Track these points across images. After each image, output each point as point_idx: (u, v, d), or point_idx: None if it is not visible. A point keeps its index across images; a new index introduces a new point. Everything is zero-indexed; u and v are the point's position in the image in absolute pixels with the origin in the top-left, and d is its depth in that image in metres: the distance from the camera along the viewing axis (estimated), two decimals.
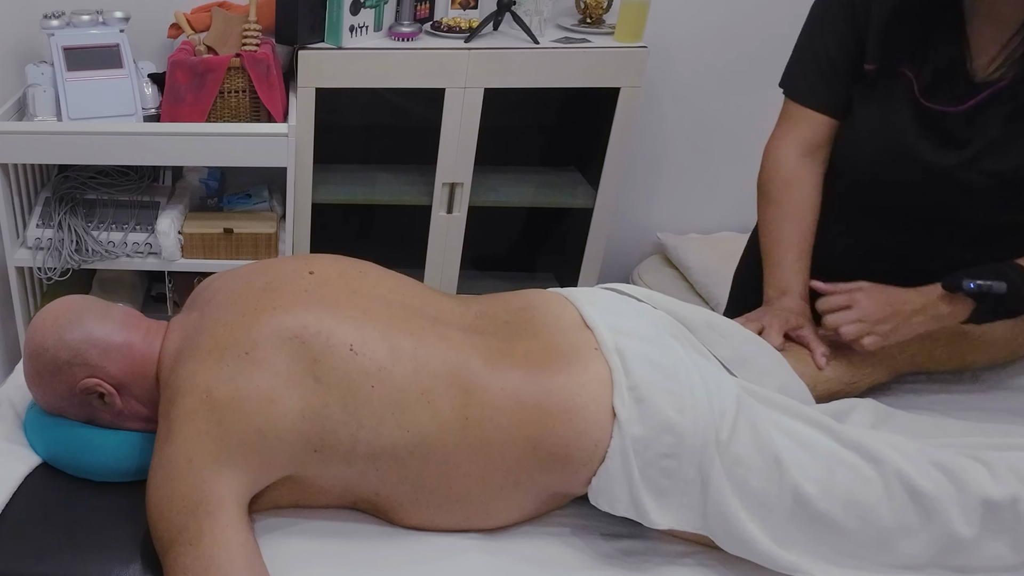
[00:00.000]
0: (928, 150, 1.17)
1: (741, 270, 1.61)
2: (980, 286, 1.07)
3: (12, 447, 1.14)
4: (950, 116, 1.15)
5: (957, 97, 1.14)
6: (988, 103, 1.12)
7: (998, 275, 1.07)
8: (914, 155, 1.17)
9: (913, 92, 1.17)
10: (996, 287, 1.06)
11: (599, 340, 1.04)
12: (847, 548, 0.98)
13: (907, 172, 1.19)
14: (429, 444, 0.97)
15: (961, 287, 1.08)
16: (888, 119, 1.20)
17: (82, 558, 1.00)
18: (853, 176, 1.28)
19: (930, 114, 1.16)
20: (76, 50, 2.08)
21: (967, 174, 1.14)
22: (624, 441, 0.97)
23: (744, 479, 0.97)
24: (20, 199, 2.15)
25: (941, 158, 1.16)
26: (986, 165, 1.13)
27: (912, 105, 1.17)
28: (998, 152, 1.12)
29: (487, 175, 2.41)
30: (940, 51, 1.14)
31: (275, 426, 0.94)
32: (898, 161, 1.19)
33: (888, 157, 1.20)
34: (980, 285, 1.07)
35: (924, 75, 1.16)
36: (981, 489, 0.97)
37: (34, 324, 1.10)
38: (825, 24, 1.27)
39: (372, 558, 1.01)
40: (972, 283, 1.07)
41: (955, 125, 1.15)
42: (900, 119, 1.19)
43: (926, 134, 1.17)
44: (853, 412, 1.13)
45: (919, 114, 1.17)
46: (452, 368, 0.99)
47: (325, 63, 2.12)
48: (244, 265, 1.15)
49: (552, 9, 2.22)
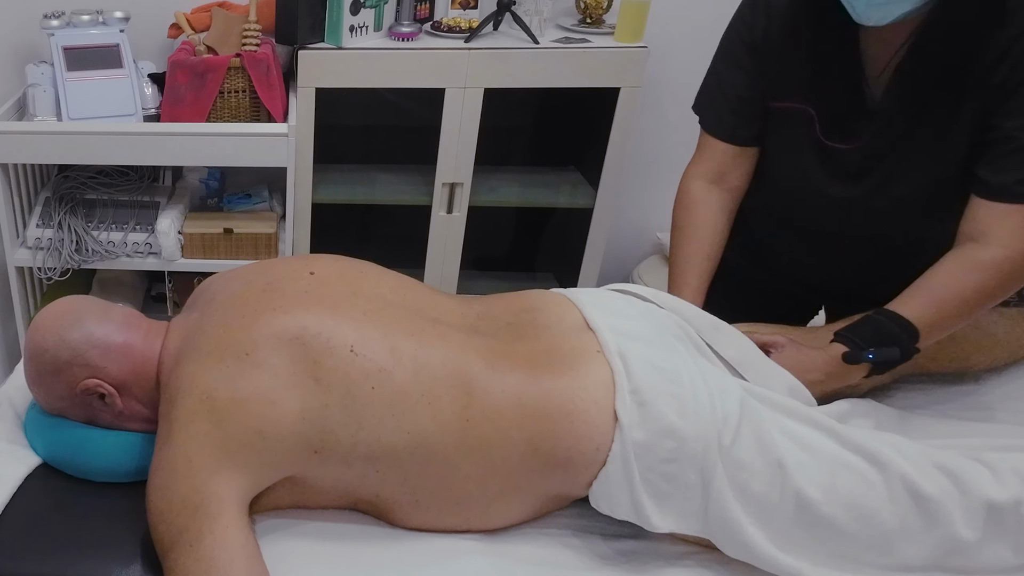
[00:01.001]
0: (833, 185, 1.22)
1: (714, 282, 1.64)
2: (878, 354, 1.12)
3: (12, 447, 1.14)
4: (848, 152, 1.19)
5: (853, 131, 1.18)
6: (882, 134, 1.16)
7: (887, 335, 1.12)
8: (821, 190, 1.23)
9: (815, 130, 1.21)
10: (890, 353, 1.12)
11: (601, 342, 1.04)
12: (849, 551, 0.98)
13: (818, 203, 1.25)
14: (429, 446, 0.97)
15: (861, 359, 1.13)
16: (794, 156, 1.25)
17: (82, 558, 1.00)
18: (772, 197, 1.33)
19: (829, 150, 1.21)
20: (76, 50, 2.08)
21: (873, 202, 1.20)
22: (625, 445, 0.97)
23: (746, 483, 0.97)
24: (20, 199, 2.15)
25: (847, 191, 1.21)
26: (888, 191, 1.18)
27: (814, 143, 1.22)
28: (897, 178, 1.17)
29: (487, 175, 2.41)
30: (837, 84, 1.18)
31: (275, 427, 0.94)
32: (808, 193, 1.25)
33: (798, 191, 1.26)
34: (878, 353, 1.12)
35: (822, 111, 1.20)
36: (984, 492, 0.97)
37: (35, 324, 1.10)
38: (729, 59, 1.31)
39: (372, 559, 1.00)
40: (870, 354, 1.12)
41: (854, 159, 1.19)
42: (805, 157, 1.24)
43: (829, 169, 1.22)
44: (855, 413, 1.13)
45: (821, 150, 1.22)
46: (453, 369, 0.99)
47: (325, 63, 2.12)
48: (244, 266, 1.15)
49: (552, 9, 2.22)
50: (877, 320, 1.14)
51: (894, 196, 1.18)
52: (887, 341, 1.12)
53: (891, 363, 1.13)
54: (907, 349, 1.12)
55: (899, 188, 1.18)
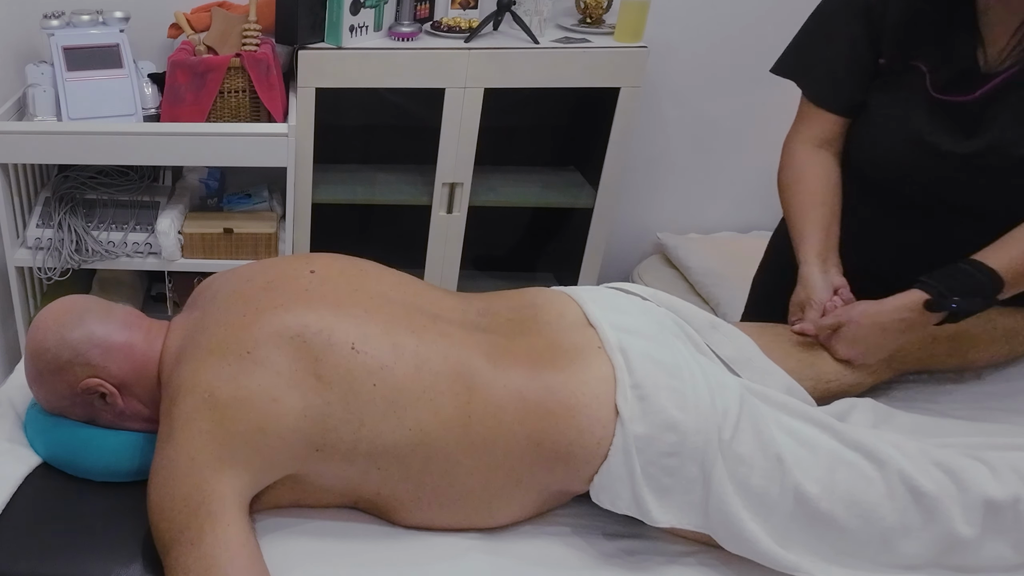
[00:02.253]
0: (945, 140, 1.18)
1: (761, 275, 1.61)
2: (961, 303, 1.10)
3: (12, 447, 1.14)
4: (962, 106, 1.16)
5: (969, 88, 1.15)
6: (1000, 91, 1.13)
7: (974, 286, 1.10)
8: (931, 146, 1.19)
9: (926, 85, 1.18)
10: (974, 305, 1.10)
11: (602, 338, 1.04)
12: (848, 547, 0.98)
13: (927, 163, 1.20)
14: (431, 442, 0.97)
15: (944, 307, 1.10)
16: (903, 113, 1.21)
17: (82, 558, 1.00)
18: (872, 169, 1.29)
19: (943, 105, 1.17)
20: (76, 50, 2.08)
21: (986, 160, 1.15)
22: (626, 439, 0.97)
23: (746, 478, 0.97)
24: (20, 199, 2.15)
25: (958, 147, 1.17)
26: (1004, 151, 1.14)
27: (925, 98, 1.19)
28: (1013, 138, 1.13)
29: (487, 175, 2.41)
30: (954, 45, 1.16)
31: (277, 425, 0.94)
32: (916, 153, 1.20)
33: (906, 149, 1.22)
34: (961, 303, 1.10)
35: (937, 69, 1.17)
36: (983, 489, 0.97)
37: (35, 324, 1.10)
38: (837, 23, 1.27)
39: (373, 558, 1.00)
40: (954, 304, 1.10)
41: (968, 114, 1.16)
42: (915, 113, 1.20)
43: (941, 125, 1.18)
44: (854, 412, 1.13)
45: (933, 106, 1.18)
46: (454, 365, 0.99)
47: (325, 63, 2.12)
48: (245, 265, 1.15)
49: (552, 9, 2.22)
50: (963, 269, 1.11)
51: (1008, 156, 1.14)
52: (972, 291, 1.09)
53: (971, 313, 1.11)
54: (991, 299, 1.09)
55: (1014, 148, 1.13)
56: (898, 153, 1.23)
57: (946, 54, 1.17)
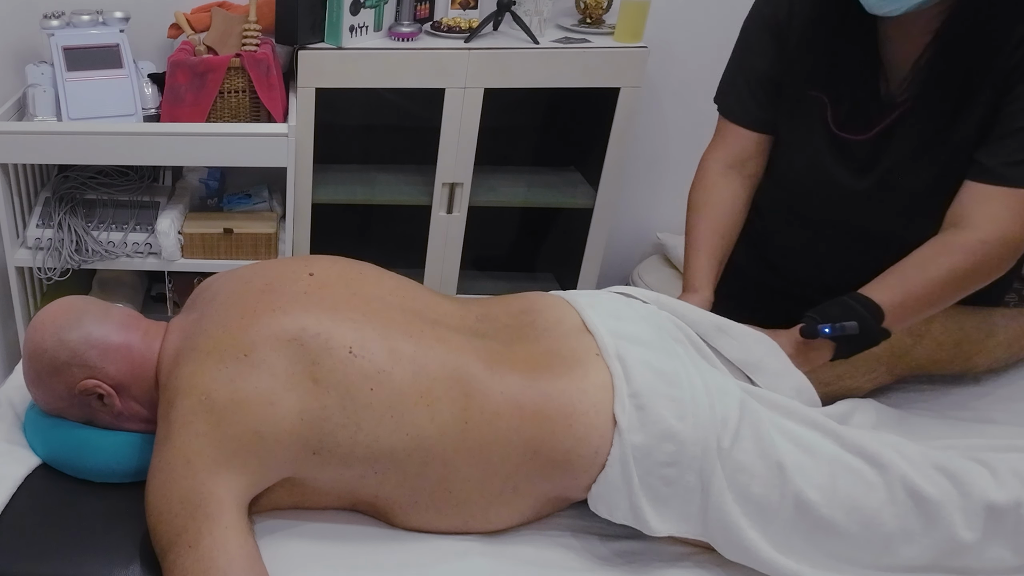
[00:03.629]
0: (843, 174, 1.22)
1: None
2: (834, 328, 1.11)
3: (12, 448, 1.14)
4: (860, 143, 1.19)
5: (866, 123, 1.18)
6: (894, 126, 1.15)
7: (849, 314, 1.11)
8: (831, 178, 1.23)
9: (827, 118, 1.21)
10: (849, 328, 1.11)
11: (600, 345, 1.04)
12: (848, 553, 0.98)
13: (829, 194, 1.24)
14: (428, 447, 0.97)
15: (817, 332, 1.12)
16: (806, 142, 1.25)
17: (82, 558, 1.00)
18: (783, 191, 1.33)
19: (842, 141, 1.21)
20: (76, 50, 2.08)
21: (882, 194, 1.19)
22: (624, 449, 0.97)
23: (746, 486, 0.97)
24: (20, 199, 2.15)
25: (855, 181, 1.21)
26: (897, 185, 1.17)
27: (826, 132, 1.22)
28: (906, 172, 1.16)
29: (487, 175, 2.41)
30: (854, 75, 1.18)
31: (274, 428, 0.94)
32: (818, 182, 1.25)
33: (809, 177, 1.26)
34: (834, 327, 1.11)
35: (837, 100, 1.20)
36: (984, 493, 0.96)
37: (33, 325, 1.10)
38: (751, 43, 1.31)
39: (372, 560, 1.00)
40: (827, 328, 1.12)
41: (864, 150, 1.19)
42: (818, 145, 1.23)
43: (840, 158, 1.22)
44: (855, 414, 1.13)
45: (832, 140, 1.22)
46: (451, 371, 0.99)
47: (325, 63, 2.12)
48: (244, 266, 1.15)
49: (552, 9, 2.22)
50: (841, 301, 1.13)
51: (904, 189, 1.17)
52: (845, 316, 1.11)
53: (853, 340, 1.12)
54: (869, 327, 1.10)
55: (909, 181, 1.16)
56: (803, 180, 1.27)
57: (847, 84, 1.18)
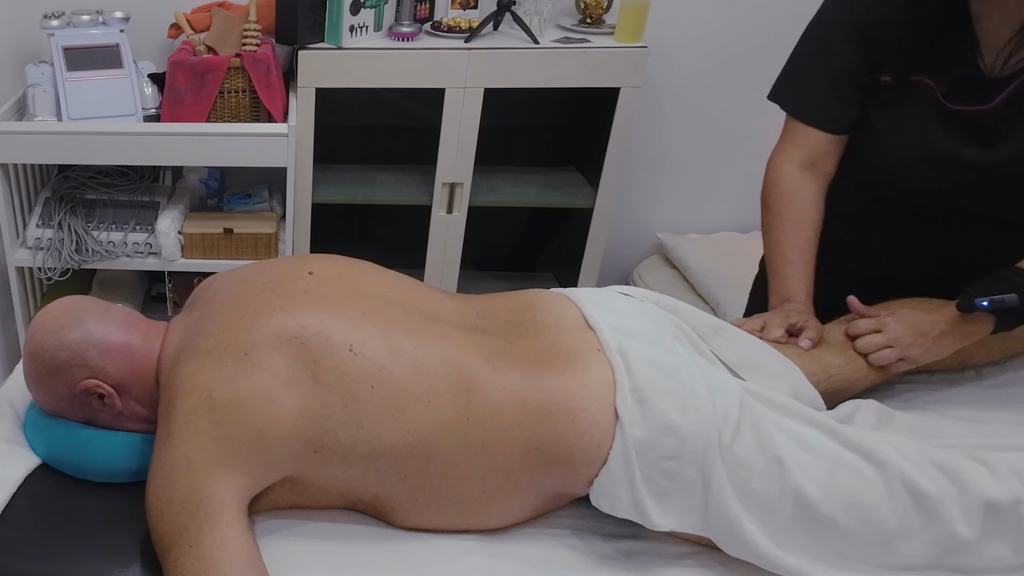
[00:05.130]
0: (967, 151, 1.17)
1: (759, 281, 1.61)
2: (993, 301, 1.08)
3: (12, 448, 1.14)
4: (980, 114, 1.15)
5: (982, 96, 1.14)
6: (1017, 96, 1.12)
7: (1008, 286, 1.08)
8: (950, 157, 1.18)
9: (936, 97, 1.18)
10: (1008, 300, 1.07)
11: (602, 341, 1.04)
12: (848, 550, 0.98)
13: (945, 175, 1.19)
14: (429, 444, 0.97)
15: (975, 306, 1.09)
16: (916, 124, 1.20)
17: (82, 558, 1.00)
18: (885, 186, 1.28)
19: (959, 115, 1.16)
20: (76, 50, 2.08)
21: (1010, 169, 1.14)
22: (626, 443, 0.97)
23: (746, 481, 0.97)
24: (20, 199, 2.15)
25: (981, 156, 1.16)
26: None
27: (938, 110, 1.18)
28: None
29: (487, 175, 2.41)
30: (952, 55, 1.15)
31: (275, 427, 0.94)
32: (933, 165, 1.19)
33: (923, 161, 1.20)
34: (992, 300, 1.08)
35: (942, 80, 1.17)
36: (982, 490, 0.96)
37: (34, 324, 1.10)
38: (829, 41, 1.27)
39: (372, 560, 1.00)
40: (984, 301, 1.08)
41: (986, 123, 1.15)
42: (929, 125, 1.19)
43: (958, 135, 1.17)
44: (856, 414, 1.13)
45: (947, 117, 1.17)
46: (452, 367, 0.99)
47: (325, 63, 2.12)
48: (244, 265, 1.15)
49: (552, 9, 2.22)
50: (999, 274, 1.10)
51: None
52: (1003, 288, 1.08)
53: (1013, 312, 1.09)
54: None
55: None
56: (913, 167, 1.22)
57: (946, 63, 1.16)
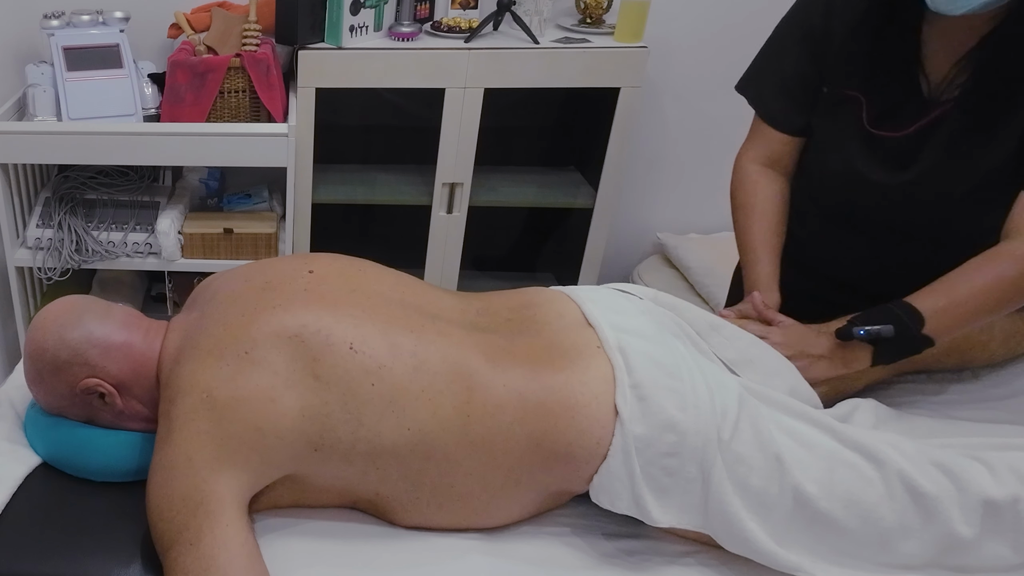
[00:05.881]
0: (877, 172, 1.21)
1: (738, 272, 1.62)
2: (869, 332, 1.11)
3: (12, 447, 1.14)
4: (895, 140, 1.19)
5: (904, 121, 1.17)
6: (932, 126, 1.15)
7: (889, 317, 1.11)
8: (864, 177, 1.22)
9: (861, 117, 1.21)
10: (884, 331, 1.11)
11: (601, 338, 1.04)
12: (847, 548, 0.98)
13: (862, 192, 1.24)
14: (430, 442, 0.97)
15: (852, 335, 1.12)
16: (839, 141, 1.25)
17: (82, 558, 1.00)
18: (815, 193, 1.34)
19: (877, 139, 1.20)
20: (76, 50, 2.08)
21: (913, 191, 1.18)
22: (626, 439, 0.97)
23: (745, 478, 0.97)
24: (20, 199, 2.15)
25: (889, 179, 1.20)
26: (932, 185, 1.16)
27: (859, 130, 1.22)
28: (944, 172, 1.15)
29: (487, 175, 2.41)
30: (893, 74, 1.18)
31: (275, 425, 0.94)
32: (850, 181, 1.25)
33: (841, 177, 1.26)
34: (869, 331, 1.11)
35: (873, 99, 1.20)
36: (981, 489, 0.97)
37: (34, 324, 1.10)
38: (786, 44, 1.32)
39: (372, 559, 1.00)
40: (861, 330, 1.12)
41: (900, 148, 1.18)
42: (849, 142, 1.23)
43: (874, 157, 1.21)
44: (856, 413, 1.13)
45: (867, 138, 1.21)
46: (453, 365, 0.99)
47: (325, 63, 2.12)
48: (244, 265, 1.15)
49: (552, 9, 2.22)
50: (882, 306, 1.13)
51: (940, 188, 1.16)
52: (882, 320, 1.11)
53: (891, 344, 1.11)
54: (907, 331, 1.10)
55: (946, 181, 1.15)
56: (836, 181, 1.27)
57: (886, 85, 1.19)
